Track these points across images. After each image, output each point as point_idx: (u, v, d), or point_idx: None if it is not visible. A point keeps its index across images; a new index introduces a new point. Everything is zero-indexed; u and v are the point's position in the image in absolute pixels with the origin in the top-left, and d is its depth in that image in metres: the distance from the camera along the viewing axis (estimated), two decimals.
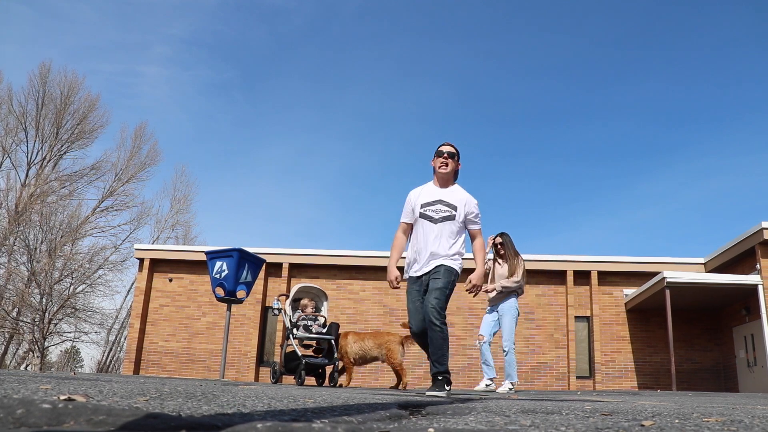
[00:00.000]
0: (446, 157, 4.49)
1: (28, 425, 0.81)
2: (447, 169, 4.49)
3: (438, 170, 4.52)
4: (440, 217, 4.43)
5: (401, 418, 1.41)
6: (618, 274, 14.47)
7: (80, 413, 0.86)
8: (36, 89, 27.94)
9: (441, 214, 4.44)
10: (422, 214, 4.49)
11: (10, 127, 27.38)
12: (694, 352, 13.99)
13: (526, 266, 7.00)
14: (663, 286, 11.82)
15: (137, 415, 0.89)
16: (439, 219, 4.43)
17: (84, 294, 26.63)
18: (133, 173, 29.85)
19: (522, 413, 1.56)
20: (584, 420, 1.35)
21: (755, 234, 11.70)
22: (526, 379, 13.94)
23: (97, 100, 29.45)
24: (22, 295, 24.25)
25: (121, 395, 1.51)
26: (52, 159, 28.38)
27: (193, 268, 15.30)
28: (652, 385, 13.63)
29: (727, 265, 13.08)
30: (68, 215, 27.48)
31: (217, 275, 8.66)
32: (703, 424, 1.28)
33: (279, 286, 14.80)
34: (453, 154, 4.52)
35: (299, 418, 1.17)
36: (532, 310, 14.41)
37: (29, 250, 25.93)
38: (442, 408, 1.71)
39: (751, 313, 12.48)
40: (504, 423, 1.28)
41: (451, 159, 4.49)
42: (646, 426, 1.18)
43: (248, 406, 1.34)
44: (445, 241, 4.39)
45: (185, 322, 15.06)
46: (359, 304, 14.65)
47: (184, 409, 1.18)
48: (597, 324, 14.10)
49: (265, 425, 0.85)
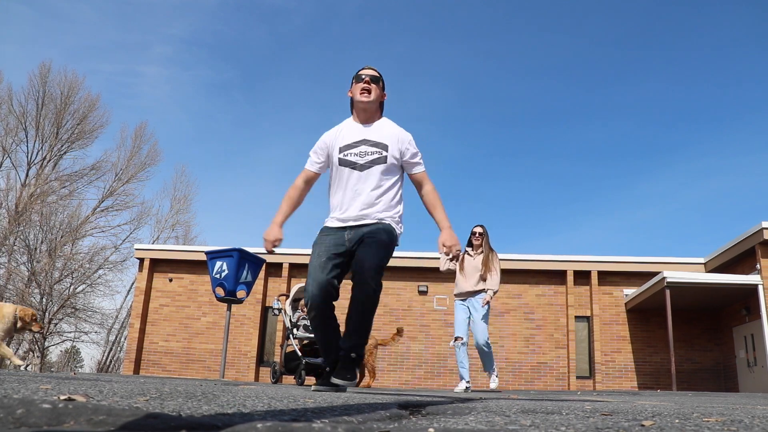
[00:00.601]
0: (368, 82, 3.43)
1: (29, 425, 0.82)
2: (370, 96, 3.42)
3: (358, 99, 3.44)
4: (367, 162, 3.40)
5: (401, 418, 1.41)
6: (618, 274, 14.47)
7: (80, 413, 0.86)
8: (36, 89, 27.97)
9: (367, 157, 3.41)
10: (342, 160, 3.44)
11: (10, 127, 27.40)
12: (694, 352, 14.00)
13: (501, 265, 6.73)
14: (663, 286, 11.82)
15: (137, 414, 0.89)
16: (366, 164, 3.40)
17: (84, 294, 26.66)
18: (133, 173, 29.87)
19: (522, 413, 1.56)
20: (584, 420, 1.35)
21: (755, 234, 11.71)
22: (526, 379, 13.94)
23: (97, 100, 29.48)
24: (22, 295, 24.25)
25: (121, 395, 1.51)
26: (52, 159, 28.39)
27: (193, 268, 15.31)
28: (652, 385, 13.63)
29: (727, 265, 13.08)
30: (68, 215, 27.51)
31: (217, 275, 8.67)
32: (703, 424, 1.28)
33: (279, 286, 14.80)
34: (377, 79, 3.47)
35: (299, 418, 1.17)
36: (532, 310, 14.42)
37: (29, 250, 25.94)
38: (442, 408, 1.71)
39: (751, 313, 12.47)
40: (504, 423, 1.28)
41: (375, 84, 3.45)
42: (647, 426, 1.19)
43: (248, 406, 1.34)
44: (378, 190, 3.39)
45: (185, 322, 15.07)
46: None
47: (184, 409, 1.18)
48: (597, 324, 14.10)
49: (265, 425, 0.85)
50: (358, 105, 3.49)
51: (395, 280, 14.53)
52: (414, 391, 5.32)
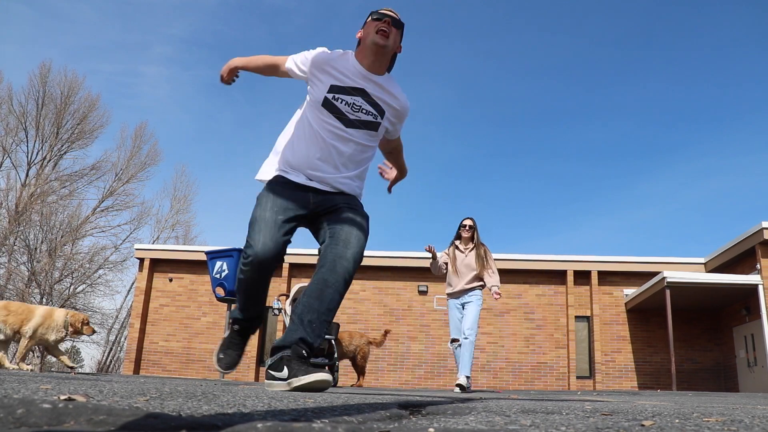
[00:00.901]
0: (388, 23, 2.71)
1: (29, 425, 0.82)
2: (387, 40, 2.70)
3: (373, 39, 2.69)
4: (357, 119, 2.71)
5: (401, 418, 1.41)
6: (618, 274, 14.48)
7: (80, 413, 0.86)
8: (36, 89, 27.98)
9: (359, 114, 2.71)
10: (328, 102, 2.69)
11: (10, 127, 27.41)
12: (695, 352, 14.00)
13: None
14: (663, 286, 11.82)
15: (137, 414, 0.89)
16: (356, 121, 2.72)
17: (84, 294, 26.67)
18: (133, 173, 29.88)
19: (522, 413, 1.56)
20: (584, 420, 1.35)
21: (755, 234, 11.71)
22: (526, 379, 13.95)
23: (97, 100, 29.50)
24: (23, 294, 24.26)
25: (121, 395, 1.51)
26: (52, 159, 28.40)
27: (194, 268, 15.31)
28: (652, 385, 13.63)
29: (727, 265, 13.08)
30: (68, 215, 27.52)
31: (217, 275, 8.67)
32: (703, 424, 1.28)
33: (279, 286, 14.81)
34: (399, 24, 2.77)
35: (299, 417, 1.17)
36: (533, 310, 14.42)
37: (29, 250, 25.95)
38: (442, 408, 1.71)
39: (751, 313, 12.48)
40: (504, 423, 1.28)
41: (395, 29, 2.74)
42: (647, 426, 1.18)
43: (248, 406, 1.34)
44: (359, 156, 2.77)
45: (185, 322, 15.07)
46: (359, 304, 14.65)
47: (184, 409, 1.19)
48: (597, 324, 14.10)
49: (266, 425, 0.85)
50: (370, 46, 2.71)
51: (395, 280, 14.54)
52: (414, 391, 5.31)
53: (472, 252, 6.23)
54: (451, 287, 6.29)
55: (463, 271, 6.19)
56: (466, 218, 6.41)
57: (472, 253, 6.22)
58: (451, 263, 6.31)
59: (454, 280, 6.26)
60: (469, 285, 6.15)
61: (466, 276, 6.18)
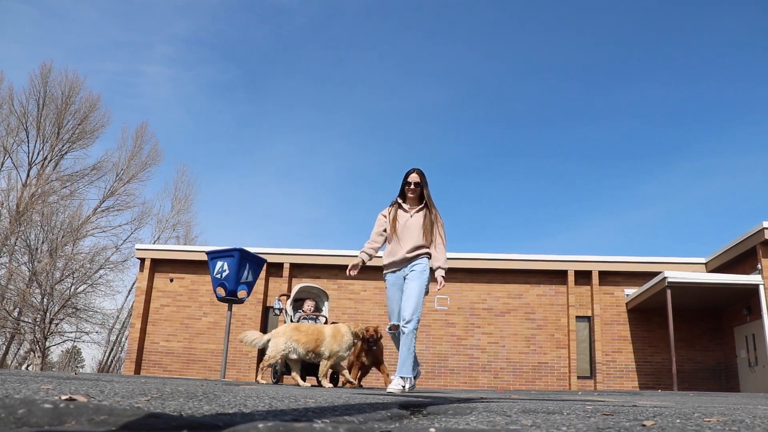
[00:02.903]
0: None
1: (30, 425, 0.82)
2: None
3: None
4: None
5: (402, 418, 1.41)
6: (619, 274, 14.47)
7: (82, 413, 0.86)
8: (37, 89, 27.98)
9: None
10: None
11: (11, 127, 27.43)
12: (696, 352, 13.99)
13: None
14: (664, 286, 11.82)
15: (138, 414, 0.89)
16: None
17: (85, 294, 26.66)
18: (134, 173, 29.89)
19: (523, 413, 1.56)
20: (585, 420, 1.35)
21: (756, 234, 11.70)
22: (527, 379, 13.94)
23: (98, 100, 29.49)
24: (24, 295, 24.28)
25: (122, 395, 1.51)
26: (53, 159, 28.42)
27: (194, 268, 15.31)
28: (653, 385, 13.62)
29: (728, 265, 13.07)
30: (69, 215, 27.52)
31: (218, 275, 8.67)
32: (704, 424, 1.27)
33: (280, 285, 14.80)
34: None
35: (300, 418, 1.17)
36: (533, 310, 14.42)
37: (30, 250, 25.96)
38: (443, 408, 1.71)
39: (752, 313, 12.47)
40: (505, 423, 1.28)
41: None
42: (648, 426, 1.18)
43: (249, 406, 1.34)
44: None
45: (186, 322, 15.07)
46: (360, 304, 14.65)
47: (185, 409, 1.18)
48: (598, 324, 14.09)
49: (267, 425, 0.85)
50: None
51: None
52: (414, 391, 5.31)
53: (419, 213, 4.90)
54: (389, 256, 4.90)
55: (406, 235, 4.82)
56: (411, 171, 4.95)
57: (419, 214, 4.89)
58: (390, 227, 4.91)
59: (394, 247, 4.87)
60: (412, 253, 4.80)
61: (409, 240, 4.81)
